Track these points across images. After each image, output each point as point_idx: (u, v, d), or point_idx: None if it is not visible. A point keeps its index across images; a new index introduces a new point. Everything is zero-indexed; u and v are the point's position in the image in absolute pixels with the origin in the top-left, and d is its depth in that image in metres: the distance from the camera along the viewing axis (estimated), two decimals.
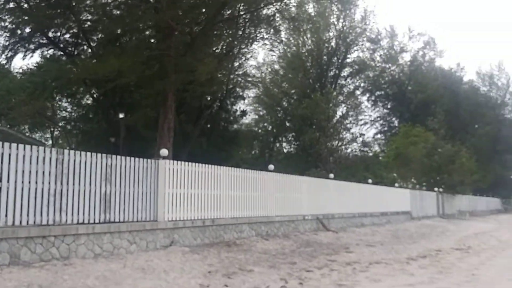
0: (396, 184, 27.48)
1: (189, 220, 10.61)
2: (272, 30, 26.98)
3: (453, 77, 53.21)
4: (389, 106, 50.01)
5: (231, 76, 28.95)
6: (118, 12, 20.40)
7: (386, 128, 49.85)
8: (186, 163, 10.99)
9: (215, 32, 22.48)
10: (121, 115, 24.73)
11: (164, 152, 10.73)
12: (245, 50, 29.52)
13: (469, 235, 19.81)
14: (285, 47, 37.06)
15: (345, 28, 37.98)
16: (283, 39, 34.26)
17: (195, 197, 11.01)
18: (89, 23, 22.73)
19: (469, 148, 41.40)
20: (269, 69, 39.48)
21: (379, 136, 49.39)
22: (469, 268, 9.58)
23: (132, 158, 9.69)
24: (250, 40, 27.96)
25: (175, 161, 10.75)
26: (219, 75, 24.75)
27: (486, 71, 59.25)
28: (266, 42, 29.44)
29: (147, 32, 21.81)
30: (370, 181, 23.19)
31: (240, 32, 25.58)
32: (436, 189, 33.08)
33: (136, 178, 9.67)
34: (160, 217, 9.94)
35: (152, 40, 21.66)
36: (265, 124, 41.45)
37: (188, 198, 10.79)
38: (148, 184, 9.93)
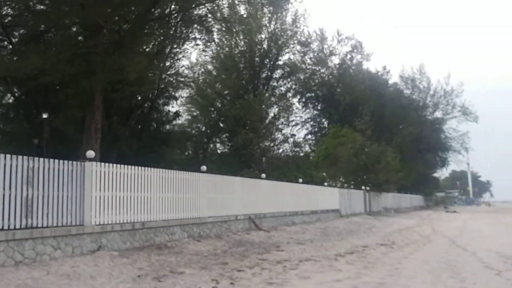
0: (326, 183, 28.33)
1: (118, 224, 10.33)
2: (204, 30, 26.88)
3: (379, 80, 55.51)
4: (319, 108, 51.40)
5: (163, 76, 28.52)
6: (42, 7, 19.42)
7: (316, 129, 51.21)
8: (115, 165, 10.69)
9: (145, 31, 22.03)
10: (44, 115, 23.56)
11: (90, 154, 10.35)
12: (177, 49, 29.28)
13: (394, 231, 20.84)
14: (218, 48, 37.06)
15: (276, 30, 38.63)
16: (216, 39, 34.31)
17: (124, 200, 10.72)
18: (10, 18, 21.42)
19: (394, 148, 43.56)
20: (202, 70, 39.28)
21: (309, 136, 50.69)
22: (393, 263, 10.07)
23: (57, 160, 9.26)
24: (182, 40, 27.74)
25: (103, 163, 10.40)
26: (150, 75, 24.28)
27: (408, 74, 62.57)
28: (199, 42, 29.32)
29: (73, 29, 20.94)
30: (300, 180, 23.74)
31: (171, 32, 25.27)
32: (363, 187, 34.50)
33: (61, 181, 9.25)
34: (87, 221, 9.59)
35: (79, 38, 20.81)
36: (199, 125, 41.21)
37: (117, 201, 10.48)
38: (74, 187, 9.54)
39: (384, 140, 42.17)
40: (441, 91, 62.08)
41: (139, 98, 28.06)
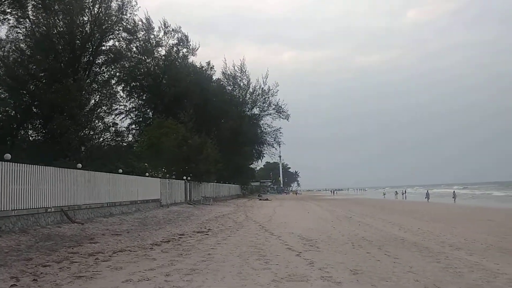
0: (147, 174, 28.31)
1: None
2: (16, 5, 24.32)
3: (204, 75, 57.27)
4: (144, 98, 50.60)
5: None
6: None
7: (141, 119, 50.30)
8: None
9: None
10: None
11: None
12: None
13: (211, 219, 22.03)
14: (33, 26, 33.67)
15: (101, 14, 36.74)
16: (31, 16, 31.18)
17: None
18: None
19: (215, 140, 45.65)
20: (13, 48, 35.18)
21: (133, 126, 49.61)
22: (207, 249, 10.78)
23: None
24: None
25: None
26: None
27: (230, 72, 66.39)
28: (9, 17, 26.34)
29: None
30: (120, 170, 23.33)
31: None
32: (184, 177, 35.43)
33: None
34: None
35: None
36: (7, 109, 36.84)
37: None
38: None
39: (206, 132, 43.85)
40: (259, 90, 67.63)
41: None
